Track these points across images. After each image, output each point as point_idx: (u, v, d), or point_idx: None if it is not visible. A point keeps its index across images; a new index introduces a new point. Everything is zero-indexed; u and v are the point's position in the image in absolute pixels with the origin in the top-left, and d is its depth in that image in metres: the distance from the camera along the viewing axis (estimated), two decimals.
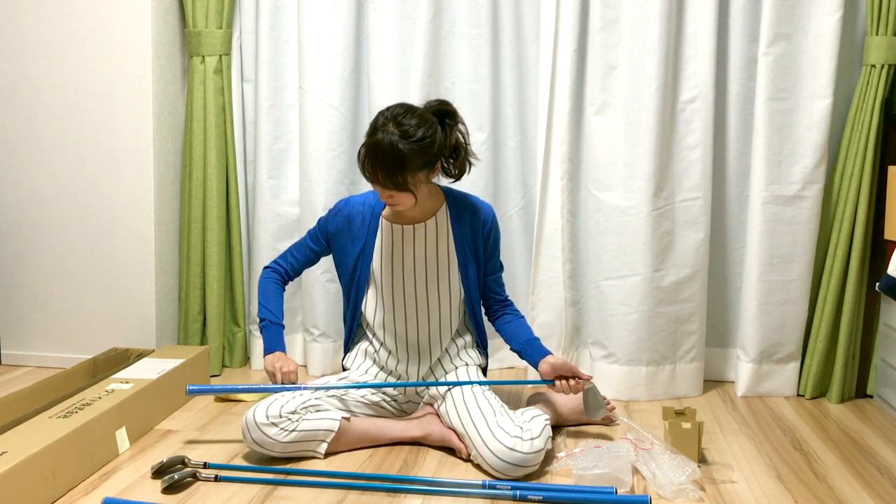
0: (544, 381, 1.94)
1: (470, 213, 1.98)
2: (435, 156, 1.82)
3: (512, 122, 2.52)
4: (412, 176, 1.78)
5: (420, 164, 1.78)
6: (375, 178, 1.78)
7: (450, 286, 1.98)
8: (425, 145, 1.78)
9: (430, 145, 1.79)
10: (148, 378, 2.08)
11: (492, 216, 2.01)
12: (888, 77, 2.20)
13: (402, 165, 1.75)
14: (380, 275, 1.97)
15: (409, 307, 1.97)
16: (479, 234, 1.99)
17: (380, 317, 1.99)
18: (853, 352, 2.32)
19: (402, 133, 1.75)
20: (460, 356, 2.05)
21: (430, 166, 1.83)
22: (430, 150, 1.80)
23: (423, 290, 1.97)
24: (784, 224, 2.29)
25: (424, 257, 1.96)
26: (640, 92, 2.26)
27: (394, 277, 1.96)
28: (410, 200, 1.83)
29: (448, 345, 2.03)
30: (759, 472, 1.80)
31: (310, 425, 1.82)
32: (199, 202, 2.55)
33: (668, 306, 2.33)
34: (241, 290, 2.63)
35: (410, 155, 1.75)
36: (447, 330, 2.01)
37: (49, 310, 2.61)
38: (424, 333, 1.99)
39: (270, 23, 2.50)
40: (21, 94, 2.54)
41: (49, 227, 2.57)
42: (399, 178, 1.76)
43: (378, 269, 1.97)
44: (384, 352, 2.01)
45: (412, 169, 1.77)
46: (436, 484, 1.71)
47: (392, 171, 1.75)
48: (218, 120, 2.53)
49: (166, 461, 1.76)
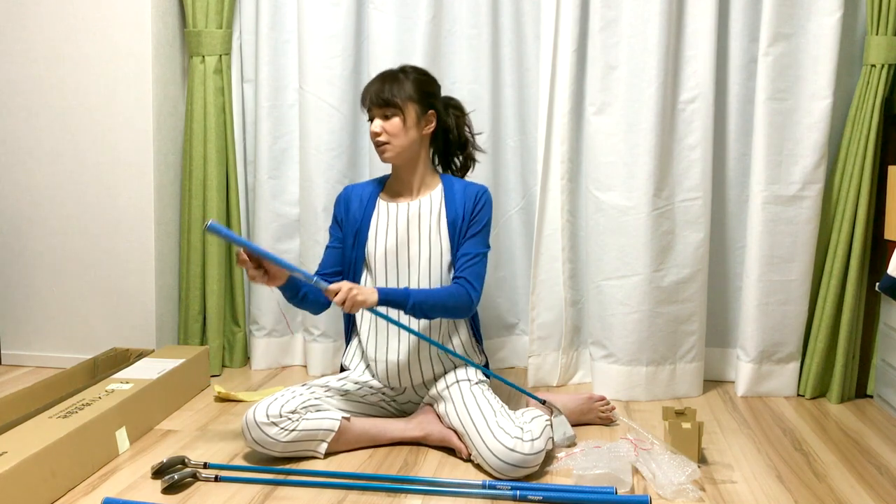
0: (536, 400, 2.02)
1: (463, 190, 2.00)
2: (430, 100, 1.97)
3: (512, 122, 2.53)
4: (405, 97, 1.91)
5: (415, 93, 1.93)
6: (368, 95, 1.93)
7: (441, 267, 1.97)
8: (424, 80, 1.98)
9: (429, 84, 1.99)
10: (148, 378, 2.08)
11: (484, 190, 2.02)
12: (888, 77, 2.20)
13: (398, 82, 1.92)
14: (373, 254, 1.97)
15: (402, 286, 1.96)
16: (469, 206, 1.97)
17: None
18: (853, 352, 2.32)
19: (405, 66, 2.00)
20: (463, 348, 2.04)
21: (423, 106, 1.95)
22: (428, 87, 1.98)
23: (416, 270, 1.95)
24: (784, 224, 2.29)
25: (418, 236, 1.96)
26: (640, 92, 2.26)
27: (387, 256, 1.96)
28: (398, 131, 1.91)
29: (444, 339, 2.01)
30: (759, 472, 1.80)
31: (310, 425, 1.82)
32: (199, 202, 2.55)
33: (668, 306, 2.33)
34: (241, 290, 2.63)
35: (408, 77, 1.94)
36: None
37: (49, 310, 2.61)
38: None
39: (270, 23, 2.50)
40: (21, 94, 2.54)
41: (49, 227, 2.58)
42: (392, 92, 1.90)
43: (372, 248, 1.97)
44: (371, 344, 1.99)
45: (407, 91, 1.92)
46: (436, 484, 1.71)
47: (388, 85, 1.91)
48: (218, 120, 2.53)
49: (166, 461, 1.76)
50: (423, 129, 1.97)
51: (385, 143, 1.93)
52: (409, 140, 1.94)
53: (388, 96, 1.90)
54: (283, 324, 2.64)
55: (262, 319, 2.61)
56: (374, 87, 1.94)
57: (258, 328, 2.62)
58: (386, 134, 1.92)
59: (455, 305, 1.90)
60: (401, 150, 1.94)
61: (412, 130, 1.94)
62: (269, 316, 2.61)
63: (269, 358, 2.65)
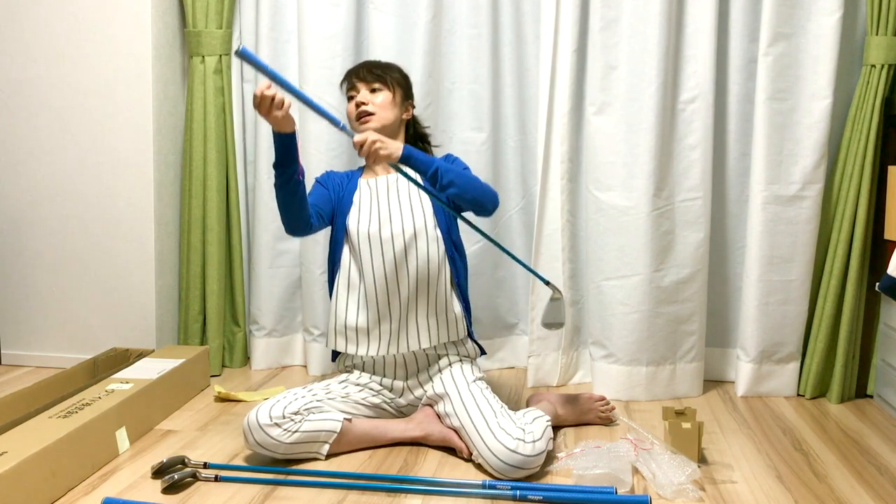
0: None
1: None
2: (410, 91, 2.11)
3: (512, 122, 2.53)
4: (394, 78, 2.03)
5: (402, 79, 2.07)
6: (356, 71, 2.04)
7: (427, 235, 1.95)
8: (406, 75, 2.11)
9: (409, 79, 2.12)
10: (148, 378, 2.08)
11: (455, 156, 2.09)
12: (888, 77, 2.20)
13: (387, 66, 2.07)
14: (356, 230, 1.96)
15: (388, 266, 1.93)
16: (442, 160, 1.95)
17: (353, 285, 1.97)
18: (853, 352, 2.32)
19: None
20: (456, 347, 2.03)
21: (405, 92, 2.07)
22: (409, 81, 2.11)
23: (402, 245, 1.93)
24: (784, 224, 2.29)
25: (399, 207, 1.98)
26: (640, 92, 2.26)
27: (370, 232, 1.94)
28: (386, 104, 2.00)
29: (436, 314, 1.97)
30: (759, 472, 1.80)
31: (312, 426, 1.81)
32: (199, 202, 2.55)
33: (668, 306, 2.33)
34: (241, 290, 2.63)
35: (392, 66, 2.09)
36: (433, 294, 1.96)
37: (49, 310, 2.61)
38: (406, 291, 1.93)
39: (270, 23, 2.50)
40: (21, 93, 2.54)
41: (49, 227, 2.58)
42: (382, 71, 2.03)
43: (355, 224, 1.97)
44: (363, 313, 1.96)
45: (395, 74, 2.05)
46: (436, 484, 1.71)
47: (377, 66, 2.05)
48: (218, 120, 2.53)
49: (166, 461, 1.76)
50: (403, 114, 2.08)
51: (371, 114, 2.00)
52: (392, 116, 2.03)
53: (380, 72, 2.03)
54: (282, 324, 2.64)
55: (262, 319, 2.61)
56: (363, 65, 2.07)
57: (258, 328, 2.62)
58: (373, 105, 2.00)
59: (482, 186, 1.86)
60: (384, 124, 2.01)
61: (397, 109, 2.04)
62: (269, 316, 2.61)
63: (269, 358, 2.65)
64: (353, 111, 2.02)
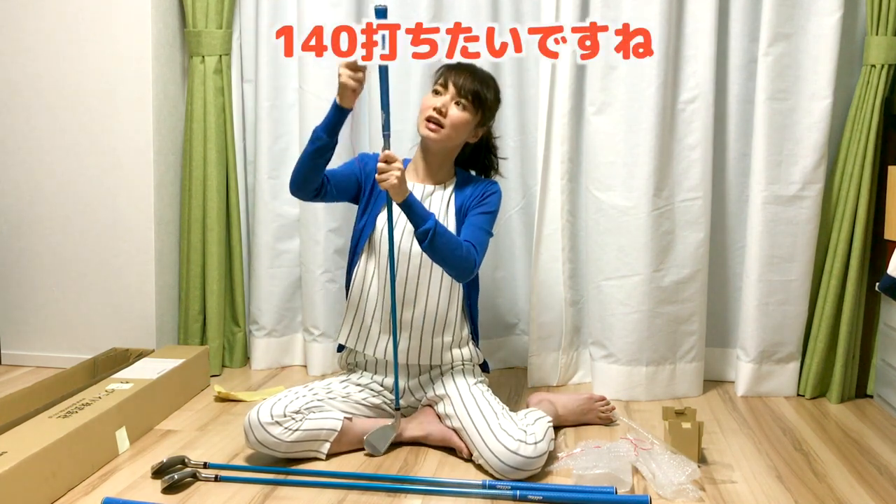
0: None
1: (475, 182, 2.02)
2: (492, 114, 2.01)
3: (512, 122, 2.52)
4: (486, 104, 1.93)
5: (490, 103, 1.95)
6: (456, 76, 1.91)
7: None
8: (498, 101, 2.01)
9: (498, 101, 2.01)
10: (148, 378, 2.08)
11: (495, 185, 2.03)
12: (888, 77, 2.20)
13: (489, 87, 1.94)
14: (381, 230, 1.95)
15: (411, 276, 1.94)
16: (478, 193, 1.97)
17: (372, 284, 1.97)
18: (853, 352, 2.32)
19: (491, 75, 2.01)
20: (460, 350, 2.03)
21: (484, 118, 1.97)
22: (497, 103, 2.00)
23: (418, 264, 1.93)
24: (784, 224, 2.29)
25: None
26: (640, 92, 2.26)
27: (393, 237, 1.91)
28: (461, 124, 1.91)
29: (444, 335, 1.99)
30: (759, 472, 1.80)
31: (313, 425, 1.81)
32: (199, 202, 2.55)
33: (668, 306, 2.33)
34: (241, 290, 2.63)
35: (493, 88, 1.97)
36: (444, 307, 1.96)
37: (49, 310, 2.61)
38: (420, 309, 1.95)
39: (270, 23, 2.50)
40: (21, 93, 2.54)
41: (49, 227, 2.57)
42: (483, 93, 1.91)
43: (383, 223, 1.94)
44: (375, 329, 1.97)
45: (490, 101, 1.94)
46: (436, 484, 1.71)
47: (481, 83, 1.92)
48: (218, 120, 2.53)
49: (166, 461, 1.76)
50: (471, 137, 1.99)
51: (440, 125, 1.90)
52: (460, 138, 1.96)
53: (479, 92, 1.91)
54: (282, 324, 2.64)
55: (262, 319, 2.61)
56: (465, 73, 1.92)
57: (258, 328, 2.62)
58: (449, 118, 1.90)
59: (462, 256, 1.83)
60: (448, 140, 1.93)
61: (468, 132, 1.96)
62: (269, 316, 2.61)
63: (268, 358, 2.65)
64: (428, 107, 1.91)
